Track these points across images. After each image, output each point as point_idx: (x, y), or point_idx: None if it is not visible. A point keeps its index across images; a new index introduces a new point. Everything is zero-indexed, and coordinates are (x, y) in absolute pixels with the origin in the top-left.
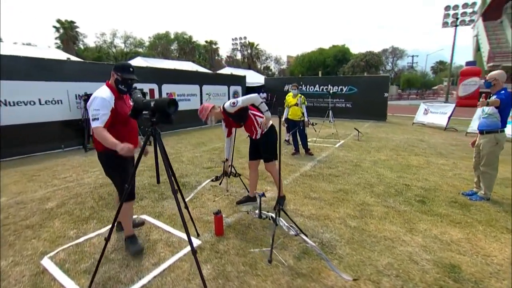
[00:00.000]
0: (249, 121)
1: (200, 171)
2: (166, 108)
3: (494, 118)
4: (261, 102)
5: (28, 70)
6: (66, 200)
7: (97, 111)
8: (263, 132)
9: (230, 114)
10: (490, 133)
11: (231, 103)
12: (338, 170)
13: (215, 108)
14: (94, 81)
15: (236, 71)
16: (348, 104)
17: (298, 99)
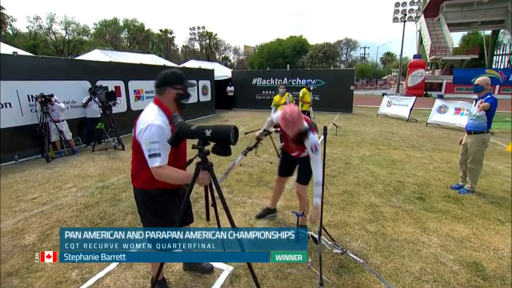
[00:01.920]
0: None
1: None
2: (230, 139)
3: (482, 120)
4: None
5: None
6: (48, 230)
7: (156, 145)
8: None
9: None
10: (477, 133)
11: (314, 146)
12: (332, 169)
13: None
14: (50, 79)
15: (202, 64)
16: (316, 97)
17: (286, 98)
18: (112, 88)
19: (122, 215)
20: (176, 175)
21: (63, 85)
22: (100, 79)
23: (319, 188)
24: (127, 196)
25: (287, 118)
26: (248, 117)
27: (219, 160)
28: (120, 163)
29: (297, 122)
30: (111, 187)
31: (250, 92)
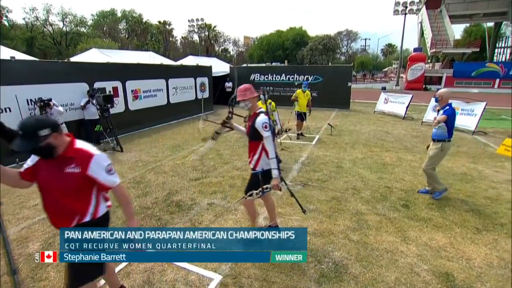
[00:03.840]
0: (257, 144)
1: (189, 185)
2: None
3: (442, 129)
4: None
5: None
6: (50, 239)
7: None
8: (257, 166)
9: (254, 120)
10: (439, 141)
11: (264, 124)
12: (324, 173)
13: (255, 100)
14: (48, 83)
15: (200, 60)
16: (314, 93)
17: (268, 106)
18: (110, 89)
19: (120, 223)
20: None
21: (61, 88)
22: (98, 81)
23: (274, 161)
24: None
25: (241, 87)
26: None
27: (215, 164)
28: (118, 166)
29: (248, 91)
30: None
31: None
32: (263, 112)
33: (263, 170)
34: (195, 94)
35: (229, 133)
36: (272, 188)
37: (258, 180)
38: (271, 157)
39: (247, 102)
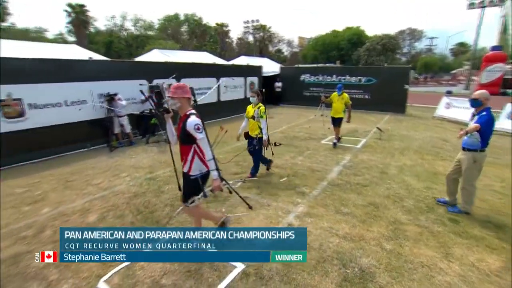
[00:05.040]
0: (189, 147)
1: (229, 178)
2: None
3: (474, 138)
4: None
5: (53, 72)
6: (105, 213)
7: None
8: (190, 171)
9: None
10: (470, 151)
11: (196, 126)
12: (365, 178)
13: (187, 101)
14: (116, 79)
15: (252, 60)
16: (366, 96)
17: (255, 111)
18: (166, 86)
19: (162, 206)
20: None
21: (126, 84)
22: (156, 78)
23: (212, 162)
24: (169, 189)
25: (175, 84)
26: (293, 114)
27: None
28: (167, 156)
29: (180, 89)
30: (157, 178)
31: (298, 88)
32: (194, 113)
33: (201, 173)
34: (244, 93)
35: (274, 131)
36: (214, 189)
37: (198, 185)
38: (208, 159)
39: (176, 101)
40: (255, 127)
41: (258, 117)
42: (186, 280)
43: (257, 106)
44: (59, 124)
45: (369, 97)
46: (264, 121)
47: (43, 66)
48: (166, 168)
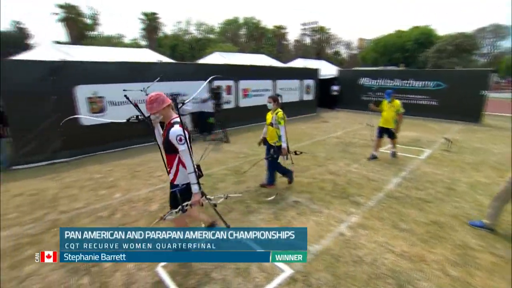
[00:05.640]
0: (173, 157)
1: (280, 181)
2: None
3: None
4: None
5: (128, 74)
6: (165, 204)
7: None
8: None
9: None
10: None
11: (178, 136)
12: (428, 193)
13: (170, 108)
14: (181, 80)
15: (309, 62)
16: (433, 102)
17: (273, 117)
18: (224, 87)
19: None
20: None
21: (189, 85)
22: (217, 80)
23: (193, 176)
24: (223, 187)
25: (148, 98)
26: (349, 119)
27: (308, 164)
28: (222, 154)
29: (154, 102)
30: (213, 175)
31: (355, 92)
32: (178, 122)
33: (181, 185)
34: (300, 96)
35: (328, 136)
36: (193, 204)
37: (176, 198)
38: (189, 172)
39: (157, 115)
40: (273, 134)
41: (276, 124)
42: (235, 277)
43: (275, 112)
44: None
45: (436, 104)
46: (283, 128)
47: (121, 68)
48: (220, 166)
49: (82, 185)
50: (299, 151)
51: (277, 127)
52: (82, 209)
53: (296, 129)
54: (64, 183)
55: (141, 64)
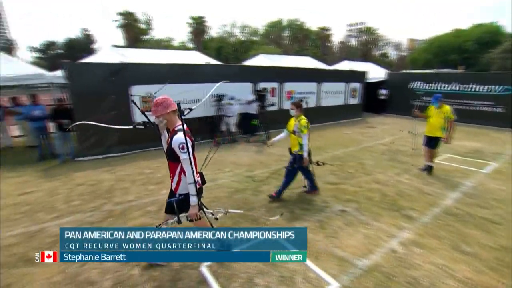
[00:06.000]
0: (175, 165)
1: (324, 187)
2: None
3: None
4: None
5: (178, 75)
6: (209, 203)
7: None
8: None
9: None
10: None
11: (180, 144)
12: (495, 213)
13: (176, 114)
14: (227, 82)
15: (355, 65)
16: (499, 109)
17: (296, 124)
18: (269, 89)
19: (259, 205)
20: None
21: (235, 86)
22: (261, 81)
23: (192, 187)
24: (266, 190)
25: (155, 100)
26: (398, 125)
27: (354, 172)
28: (265, 157)
29: (160, 105)
30: (256, 177)
31: (405, 96)
32: (181, 129)
33: (180, 195)
34: (345, 99)
35: (376, 142)
36: (189, 217)
37: (173, 208)
38: (189, 182)
39: (160, 118)
40: (295, 142)
41: (299, 132)
42: (279, 285)
43: (298, 119)
44: None
45: (502, 111)
46: (305, 137)
47: (171, 69)
48: (263, 168)
49: (133, 179)
50: (321, 162)
51: (299, 135)
52: (133, 202)
53: (341, 134)
54: (118, 176)
55: (190, 65)
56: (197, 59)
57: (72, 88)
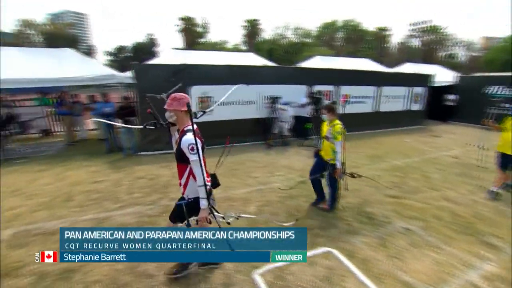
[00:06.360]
0: (184, 167)
1: (385, 201)
2: None
3: None
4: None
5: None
6: (261, 207)
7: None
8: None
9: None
10: None
11: (190, 145)
12: None
13: (187, 115)
14: (280, 84)
15: (419, 67)
16: None
17: (329, 130)
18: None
19: (313, 214)
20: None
21: (289, 88)
22: (317, 84)
23: (202, 189)
24: None
25: (172, 95)
26: (469, 135)
27: (418, 186)
28: None
29: (175, 101)
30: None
31: (477, 103)
32: (191, 130)
33: (188, 198)
34: (407, 105)
35: (442, 154)
36: (199, 220)
37: (182, 211)
38: (199, 185)
39: (172, 113)
40: (328, 149)
41: (332, 138)
42: None
43: (331, 124)
44: (231, 119)
45: None
46: (339, 144)
47: (228, 71)
48: None
49: None
50: (356, 174)
51: (332, 142)
52: None
53: (401, 142)
54: (173, 172)
55: (247, 67)
56: (253, 61)
57: (138, 87)
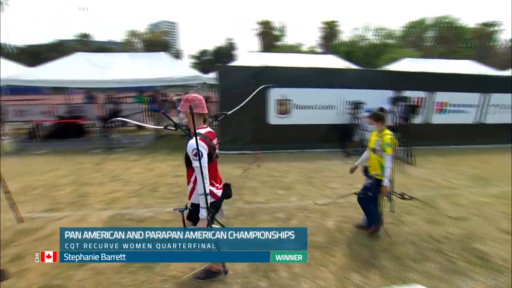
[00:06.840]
0: (191, 172)
1: (499, 237)
2: None
3: None
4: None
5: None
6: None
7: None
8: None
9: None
10: None
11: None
12: None
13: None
14: (363, 88)
15: None
16: None
17: (376, 142)
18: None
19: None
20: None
21: (372, 93)
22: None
23: (202, 198)
24: (410, 221)
25: (188, 95)
26: None
27: None
28: (406, 179)
29: (188, 102)
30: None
31: None
32: (199, 134)
33: (192, 204)
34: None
35: None
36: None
37: (183, 218)
38: (199, 193)
39: (184, 115)
40: (375, 163)
41: (380, 151)
42: None
43: (380, 134)
44: (309, 124)
45: None
46: (389, 158)
47: (308, 73)
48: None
49: (262, 180)
50: (408, 195)
51: (380, 155)
52: (262, 205)
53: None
54: (246, 174)
55: (328, 69)
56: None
57: (221, 87)
